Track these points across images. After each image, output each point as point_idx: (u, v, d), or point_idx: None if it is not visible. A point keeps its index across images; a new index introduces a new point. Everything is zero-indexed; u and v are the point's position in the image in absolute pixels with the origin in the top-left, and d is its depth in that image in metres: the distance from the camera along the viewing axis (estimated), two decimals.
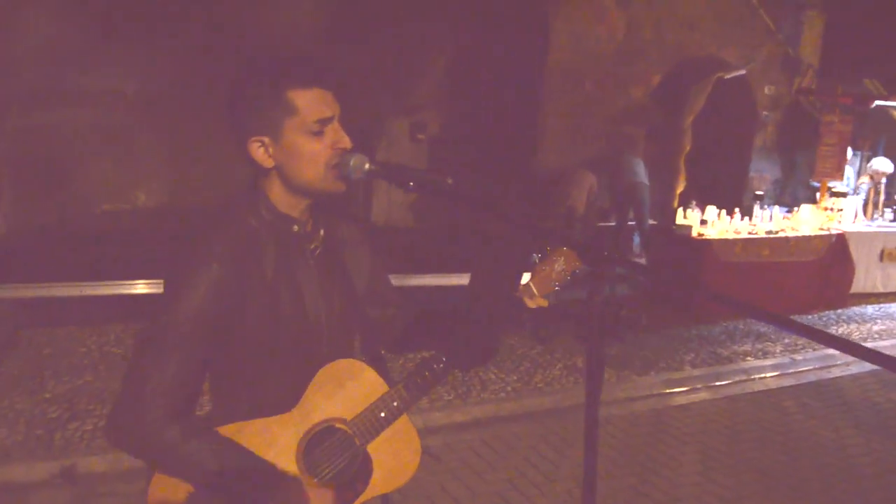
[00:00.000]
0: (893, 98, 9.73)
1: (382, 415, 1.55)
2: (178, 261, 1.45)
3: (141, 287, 5.50)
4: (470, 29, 10.09)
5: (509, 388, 5.15)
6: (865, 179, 9.56)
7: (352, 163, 1.44)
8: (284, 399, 1.49)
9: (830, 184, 8.88)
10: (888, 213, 9.03)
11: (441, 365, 1.60)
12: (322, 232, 1.61)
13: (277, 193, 1.50)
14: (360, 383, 1.55)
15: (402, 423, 1.60)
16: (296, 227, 1.53)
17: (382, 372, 1.60)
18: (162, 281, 1.46)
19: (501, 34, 9.88)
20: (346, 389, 1.53)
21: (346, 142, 1.47)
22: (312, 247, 1.58)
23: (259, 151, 1.46)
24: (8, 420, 4.35)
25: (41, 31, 8.04)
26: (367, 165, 1.43)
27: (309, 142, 1.44)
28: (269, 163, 1.46)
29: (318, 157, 1.45)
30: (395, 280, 1.85)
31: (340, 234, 1.66)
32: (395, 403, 1.56)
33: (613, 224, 9.13)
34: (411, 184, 1.36)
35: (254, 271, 1.46)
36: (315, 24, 8.67)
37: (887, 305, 8.31)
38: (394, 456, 1.59)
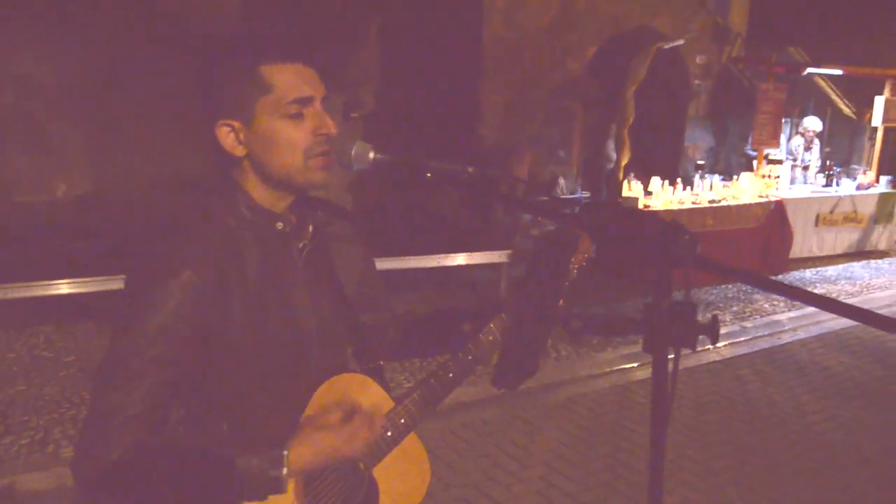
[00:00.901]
0: (823, 65, 9.94)
1: (389, 434, 1.39)
2: (143, 268, 1.23)
3: (65, 287, 5.08)
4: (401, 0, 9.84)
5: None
6: (798, 139, 9.81)
7: (353, 151, 1.23)
8: (271, 418, 1.29)
9: (767, 151, 9.04)
10: (821, 178, 9.25)
11: (451, 375, 1.45)
12: (311, 228, 1.40)
13: (255, 186, 1.30)
14: (363, 399, 1.36)
15: (410, 441, 1.44)
16: (280, 225, 1.33)
17: (383, 385, 1.44)
18: (123, 286, 1.24)
19: (434, 5, 9.66)
20: (347, 407, 1.33)
21: (330, 126, 1.27)
22: (300, 246, 1.37)
23: (228, 137, 1.25)
24: None
25: None
26: (371, 154, 1.23)
27: (285, 126, 1.24)
28: (239, 151, 1.26)
29: (295, 144, 1.25)
30: None
31: (330, 231, 1.46)
32: (402, 420, 1.41)
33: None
34: (429, 175, 1.17)
35: (234, 276, 1.24)
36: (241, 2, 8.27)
37: (824, 269, 8.54)
38: (401, 479, 1.43)
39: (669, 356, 0.97)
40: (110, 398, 1.16)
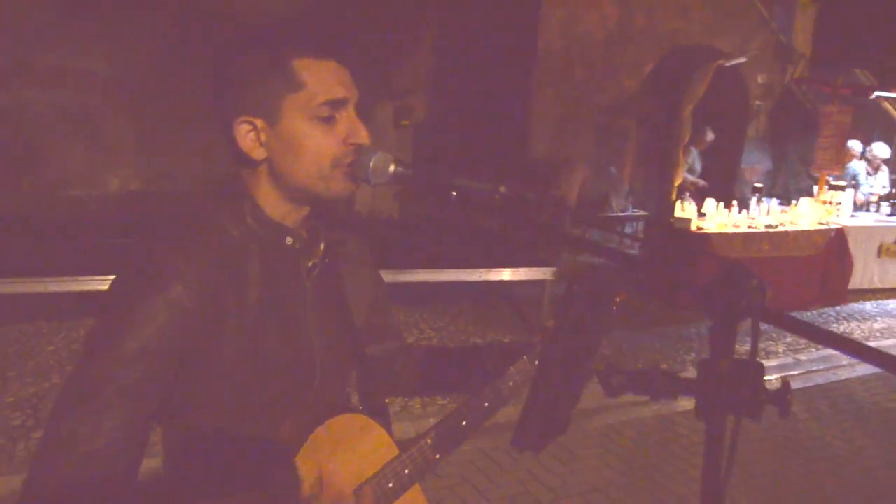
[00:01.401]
0: (890, 89, 9.53)
1: (391, 485, 1.23)
2: (127, 281, 1.08)
3: (108, 283, 5.09)
4: (458, 8, 9.76)
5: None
6: (859, 164, 9.41)
7: (372, 163, 1.09)
8: (260, 459, 1.14)
9: (829, 176, 8.68)
10: (885, 207, 8.84)
11: (464, 423, 1.30)
12: (322, 246, 1.25)
13: (267, 194, 1.15)
14: (365, 445, 1.22)
15: (414, 495, 1.28)
16: (289, 240, 1.18)
17: (387, 427, 1.28)
18: (103, 304, 1.09)
19: (490, 15, 9.56)
20: (347, 453, 1.19)
21: (364, 136, 1.13)
22: (310, 265, 1.22)
23: (248, 137, 1.11)
24: None
25: (4, 8, 7.59)
26: (392, 167, 1.09)
27: (314, 130, 1.10)
28: (259, 153, 1.11)
29: (323, 151, 1.10)
30: (386, 276, 1.52)
31: (341, 251, 1.31)
32: (406, 471, 1.24)
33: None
34: (454, 193, 1.03)
35: (231, 294, 1.09)
36: (293, 3, 8.27)
37: (885, 302, 8.14)
38: None
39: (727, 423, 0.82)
40: (74, 429, 1.00)
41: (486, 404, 1.34)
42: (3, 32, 7.63)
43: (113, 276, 1.10)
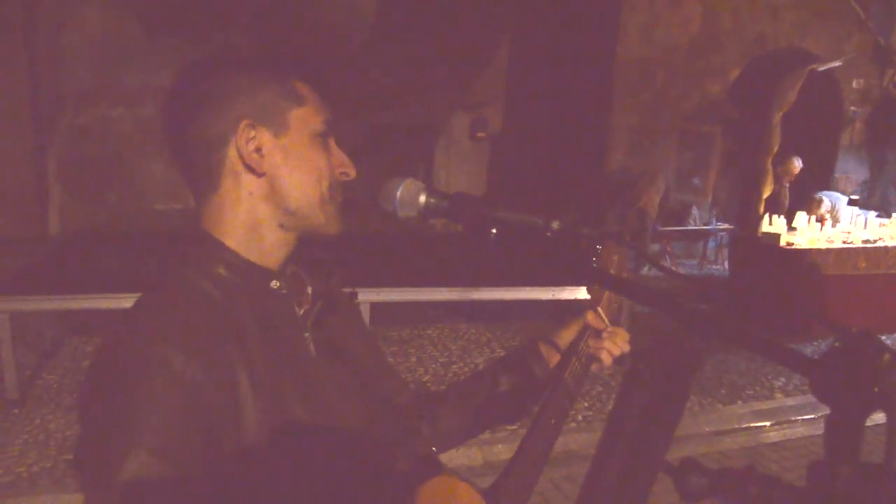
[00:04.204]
0: None
1: None
2: (111, 368, 0.87)
3: None
4: (534, 18, 9.57)
5: (580, 417, 4.62)
6: None
7: (399, 193, 0.94)
8: None
9: None
10: None
11: (540, 449, 1.14)
12: (309, 290, 1.08)
13: (245, 229, 0.98)
14: None
15: None
16: (275, 283, 1.00)
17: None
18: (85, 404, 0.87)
19: (567, 24, 9.33)
20: None
21: (352, 169, 1.02)
22: (302, 312, 1.04)
23: (250, 145, 0.95)
24: (38, 442, 4.06)
25: (93, 29, 7.87)
26: (422, 197, 0.93)
27: (315, 148, 0.99)
28: (260, 165, 0.96)
29: (322, 171, 0.99)
30: (451, 294, 1.35)
31: (330, 298, 1.10)
32: None
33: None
34: (494, 231, 0.85)
35: (236, 358, 0.91)
36: (368, 16, 8.28)
37: None
38: None
39: None
40: None
41: (553, 421, 1.17)
42: (89, 55, 7.90)
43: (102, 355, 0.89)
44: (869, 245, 6.98)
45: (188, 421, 0.84)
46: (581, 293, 5.69)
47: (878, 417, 0.58)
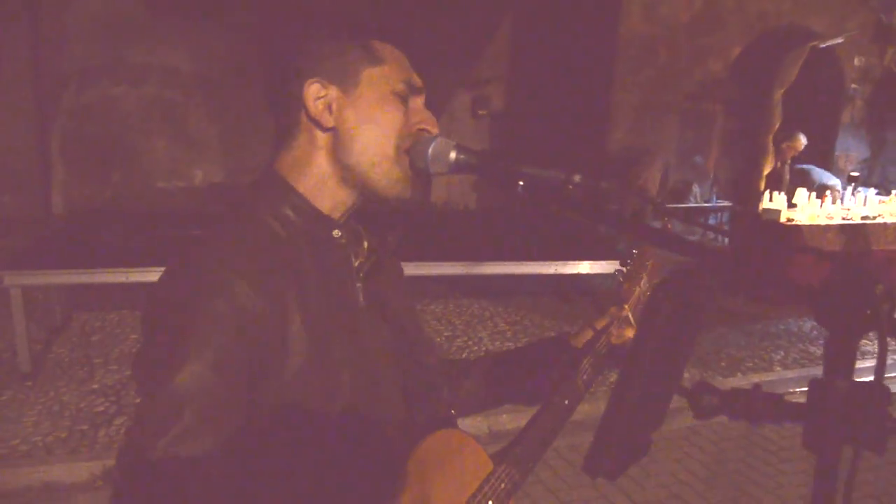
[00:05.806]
0: None
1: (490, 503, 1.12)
2: (177, 286, 0.93)
3: None
4: None
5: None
6: None
7: (431, 150, 1.00)
8: (358, 488, 1.02)
9: None
10: None
11: (549, 426, 1.19)
12: (366, 244, 1.13)
13: (319, 177, 1.05)
14: (464, 463, 1.10)
15: None
16: (337, 233, 1.07)
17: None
18: (152, 316, 0.94)
19: (570, 1, 9.32)
20: (448, 474, 1.07)
21: (434, 124, 1.05)
22: (356, 264, 1.11)
23: (319, 101, 1.01)
24: (52, 413, 4.15)
25: (95, 6, 7.86)
26: (452, 154, 0.99)
27: (389, 104, 1.03)
28: (327, 120, 1.02)
29: (394, 126, 1.03)
30: (459, 269, 1.40)
31: (382, 254, 1.18)
32: (502, 486, 1.12)
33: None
34: (521, 184, 0.92)
35: (291, 295, 0.97)
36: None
37: None
38: None
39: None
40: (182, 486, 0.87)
41: (567, 402, 1.23)
42: (91, 33, 7.90)
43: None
44: (869, 221, 7.05)
45: (241, 346, 0.90)
46: (583, 267, 5.77)
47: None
